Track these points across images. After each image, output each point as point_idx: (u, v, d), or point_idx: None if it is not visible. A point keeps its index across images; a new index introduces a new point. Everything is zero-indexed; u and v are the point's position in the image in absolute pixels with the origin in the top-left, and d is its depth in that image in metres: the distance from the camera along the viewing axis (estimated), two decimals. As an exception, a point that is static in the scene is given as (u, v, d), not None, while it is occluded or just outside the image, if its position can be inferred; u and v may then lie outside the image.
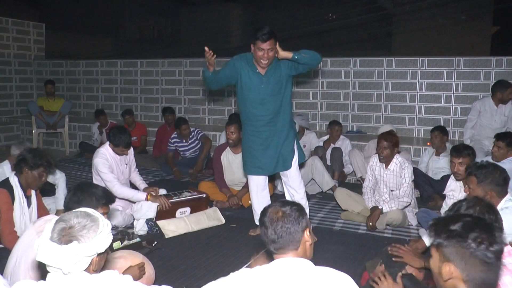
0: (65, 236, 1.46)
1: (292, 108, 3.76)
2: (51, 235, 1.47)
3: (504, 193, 2.60)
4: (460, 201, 1.93)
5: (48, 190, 4.21)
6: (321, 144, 5.79)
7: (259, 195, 3.79)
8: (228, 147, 4.82)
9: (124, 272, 2.38)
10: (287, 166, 3.66)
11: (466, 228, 1.35)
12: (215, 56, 3.33)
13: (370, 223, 3.89)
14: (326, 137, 5.89)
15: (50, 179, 4.22)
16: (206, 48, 3.27)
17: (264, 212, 1.72)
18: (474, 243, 1.32)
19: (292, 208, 1.68)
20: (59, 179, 4.26)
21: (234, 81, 3.55)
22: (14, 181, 3.08)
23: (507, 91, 5.24)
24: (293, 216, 1.66)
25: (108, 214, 2.42)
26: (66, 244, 1.45)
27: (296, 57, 3.33)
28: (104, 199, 2.37)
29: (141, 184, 4.28)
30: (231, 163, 4.80)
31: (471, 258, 1.32)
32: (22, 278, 2.14)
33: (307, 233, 1.68)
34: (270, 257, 1.71)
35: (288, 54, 3.34)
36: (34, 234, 2.24)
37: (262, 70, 3.45)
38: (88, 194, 2.33)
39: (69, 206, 2.33)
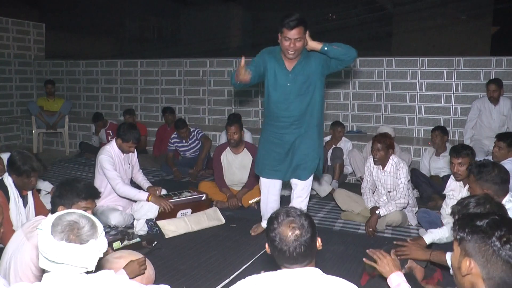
0: (78, 236, 1.50)
1: (323, 112, 3.38)
2: (64, 236, 1.48)
3: (503, 192, 2.60)
4: (469, 197, 1.91)
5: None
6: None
7: (270, 199, 3.58)
8: (228, 147, 4.82)
9: (124, 268, 2.40)
10: (305, 176, 3.35)
11: (492, 226, 1.31)
12: (248, 73, 3.01)
13: (370, 229, 3.87)
14: (328, 138, 5.89)
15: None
16: (243, 62, 2.92)
17: (272, 229, 1.58)
18: (498, 242, 1.28)
19: (306, 223, 1.57)
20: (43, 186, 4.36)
21: (263, 78, 3.26)
22: (8, 181, 3.08)
23: (488, 87, 5.36)
24: (310, 233, 1.56)
25: (93, 210, 2.42)
26: (85, 243, 1.49)
27: (325, 48, 2.98)
28: (83, 193, 2.36)
29: (145, 183, 4.28)
30: (231, 163, 4.80)
31: (493, 257, 1.28)
32: (13, 281, 2.14)
33: (319, 242, 1.62)
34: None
35: (317, 45, 3.00)
36: (23, 237, 2.24)
37: (290, 65, 3.12)
38: (70, 188, 2.35)
39: (53, 201, 2.37)
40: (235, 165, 4.78)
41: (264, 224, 3.67)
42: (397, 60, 6.66)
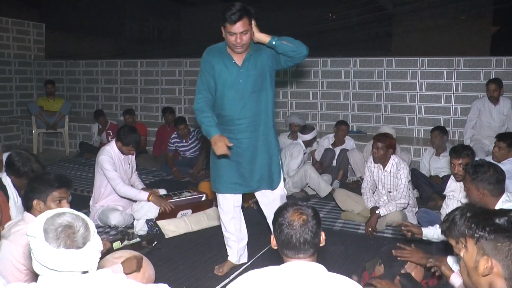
0: (75, 241, 1.45)
1: (274, 110, 3.01)
2: (61, 243, 1.43)
3: (499, 192, 2.60)
4: (453, 211, 1.87)
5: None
6: (328, 146, 5.76)
7: (236, 217, 3.12)
8: None
9: (122, 263, 2.39)
10: (273, 184, 2.98)
11: None
12: None
13: (370, 229, 3.88)
14: (331, 136, 5.85)
15: None
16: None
17: (280, 214, 1.64)
18: None
19: (312, 212, 1.64)
20: None
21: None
22: (7, 181, 3.07)
23: (488, 87, 5.35)
24: (316, 220, 1.62)
25: (68, 199, 2.38)
26: (83, 246, 1.45)
27: (273, 42, 2.67)
28: (56, 182, 2.31)
29: (139, 185, 4.30)
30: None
31: None
32: None
33: (322, 237, 1.66)
34: None
35: (265, 38, 2.69)
36: (1, 239, 2.23)
37: (239, 59, 2.79)
38: (41, 181, 2.31)
39: (26, 196, 2.32)
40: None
41: (231, 258, 3.19)
42: (397, 60, 6.66)
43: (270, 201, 3.02)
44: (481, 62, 6.25)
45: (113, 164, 4.02)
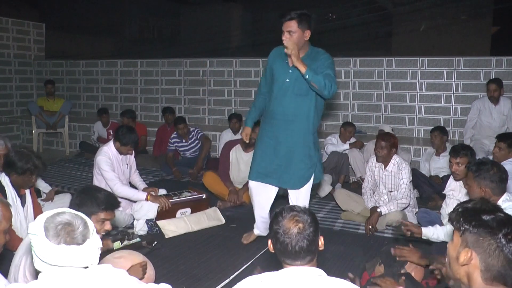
0: (75, 238, 1.47)
1: (320, 117, 3.25)
2: (61, 240, 1.45)
3: (501, 191, 2.61)
4: (465, 202, 1.91)
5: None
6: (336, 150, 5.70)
7: (262, 202, 3.37)
8: (238, 144, 4.82)
9: (128, 271, 2.38)
10: (296, 185, 3.19)
11: (498, 222, 1.35)
12: None
13: (370, 226, 3.88)
14: (334, 138, 5.79)
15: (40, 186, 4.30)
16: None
17: (276, 221, 1.59)
18: (504, 239, 1.32)
19: (310, 218, 1.59)
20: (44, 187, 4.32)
21: None
22: (5, 181, 3.07)
23: (488, 87, 5.36)
24: (313, 227, 1.58)
25: (111, 220, 2.37)
26: (83, 243, 1.47)
27: (306, 77, 2.82)
28: (104, 204, 2.29)
29: (141, 184, 4.28)
30: (239, 160, 4.80)
31: (496, 252, 1.33)
32: (21, 280, 2.13)
33: (321, 241, 1.63)
34: None
35: (301, 67, 2.81)
36: None
37: (291, 60, 2.93)
38: (89, 197, 2.27)
39: (72, 208, 2.31)
40: (243, 163, 4.76)
41: (256, 231, 3.58)
42: (397, 60, 6.66)
43: (294, 199, 3.22)
44: (481, 62, 6.25)
45: (111, 165, 4.02)
